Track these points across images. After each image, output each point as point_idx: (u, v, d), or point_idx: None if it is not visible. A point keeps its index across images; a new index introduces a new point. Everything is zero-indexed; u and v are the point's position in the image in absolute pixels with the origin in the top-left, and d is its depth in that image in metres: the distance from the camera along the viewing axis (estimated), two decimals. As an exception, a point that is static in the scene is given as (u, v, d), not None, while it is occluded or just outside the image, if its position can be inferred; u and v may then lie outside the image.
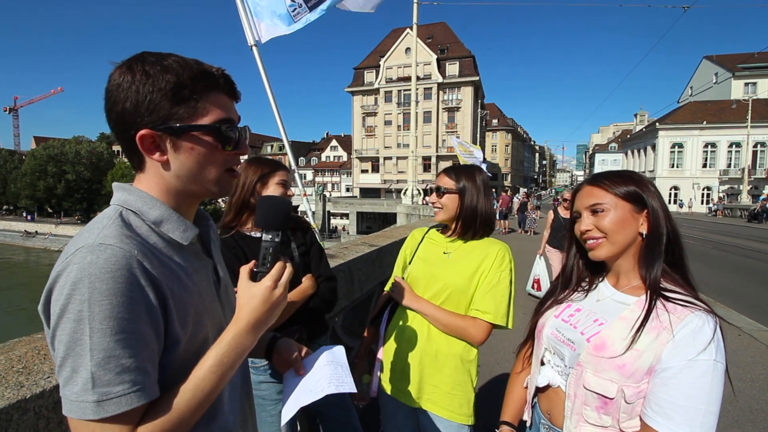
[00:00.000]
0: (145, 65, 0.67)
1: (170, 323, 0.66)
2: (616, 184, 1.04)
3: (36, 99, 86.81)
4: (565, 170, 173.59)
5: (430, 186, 1.66)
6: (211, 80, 0.71)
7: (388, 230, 5.34)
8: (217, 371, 0.68)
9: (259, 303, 0.72)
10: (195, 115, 0.70)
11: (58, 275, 0.60)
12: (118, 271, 0.60)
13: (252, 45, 3.47)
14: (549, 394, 1.12)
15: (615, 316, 1.00)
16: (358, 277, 2.87)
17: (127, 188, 0.72)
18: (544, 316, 1.18)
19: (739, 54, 43.89)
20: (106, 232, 0.64)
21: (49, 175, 52.04)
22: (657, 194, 1.04)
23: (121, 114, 0.68)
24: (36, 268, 35.70)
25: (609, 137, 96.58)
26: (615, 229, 1.02)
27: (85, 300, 0.58)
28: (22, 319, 21.03)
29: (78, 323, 0.58)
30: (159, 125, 0.68)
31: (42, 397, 0.87)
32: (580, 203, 1.09)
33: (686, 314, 0.91)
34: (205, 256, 0.81)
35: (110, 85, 0.68)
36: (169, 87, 0.67)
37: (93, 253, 0.60)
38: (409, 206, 16.59)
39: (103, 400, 0.58)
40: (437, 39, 51.40)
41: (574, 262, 1.17)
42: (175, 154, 0.70)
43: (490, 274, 1.50)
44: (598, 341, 0.98)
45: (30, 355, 0.99)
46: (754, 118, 33.89)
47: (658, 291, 0.97)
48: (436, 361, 1.51)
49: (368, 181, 54.77)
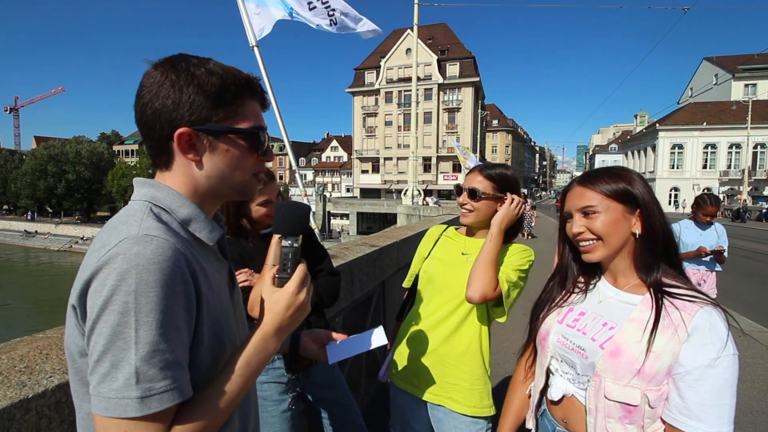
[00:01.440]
0: (190, 66, 0.69)
1: (199, 323, 0.66)
2: (607, 185, 1.01)
3: (37, 99, 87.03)
4: (566, 171, 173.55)
5: (461, 185, 1.60)
6: (251, 87, 0.74)
7: (389, 231, 5.33)
8: (245, 374, 0.69)
9: (283, 308, 0.73)
10: (233, 119, 0.72)
11: (100, 266, 0.58)
12: (165, 262, 0.59)
13: (253, 45, 3.47)
14: (563, 403, 1.09)
15: (623, 318, 0.98)
16: (359, 277, 2.87)
17: (154, 184, 0.72)
18: (546, 323, 1.14)
19: (739, 55, 43.94)
20: (147, 224, 0.63)
21: (50, 175, 52.12)
22: (647, 190, 1.02)
23: (159, 111, 0.68)
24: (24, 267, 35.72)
25: (609, 138, 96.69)
26: (608, 231, 1.00)
27: (131, 291, 0.56)
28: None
29: (123, 315, 0.56)
30: (199, 125, 0.69)
31: (44, 396, 0.87)
32: (571, 204, 1.06)
33: (695, 309, 0.90)
34: (223, 258, 0.82)
35: (148, 81, 0.69)
36: (213, 89, 0.69)
37: (139, 244, 0.59)
38: (409, 207, 16.59)
39: (147, 396, 0.56)
40: (438, 40, 51.42)
41: (568, 263, 1.15)
42: (210, 154, 0.71)
43: (515, 257, 1.51)
44: (612, 347, 0.95)
45: (32, 355, 0.99)
46: (754, 119, 33.91)
47: (661, 290, 0.96)
48: (455, 359, 1.52)
49: (368, 182, 54.75)
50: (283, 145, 3.76)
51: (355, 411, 1.82)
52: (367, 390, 3.08)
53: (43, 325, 1.79)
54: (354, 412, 1.81)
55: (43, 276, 32.74)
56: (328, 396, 1.79)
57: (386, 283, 3.64)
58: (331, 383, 1.81)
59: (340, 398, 1.81)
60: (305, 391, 1.77)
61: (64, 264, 36.91)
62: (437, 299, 1.58)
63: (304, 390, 1.77)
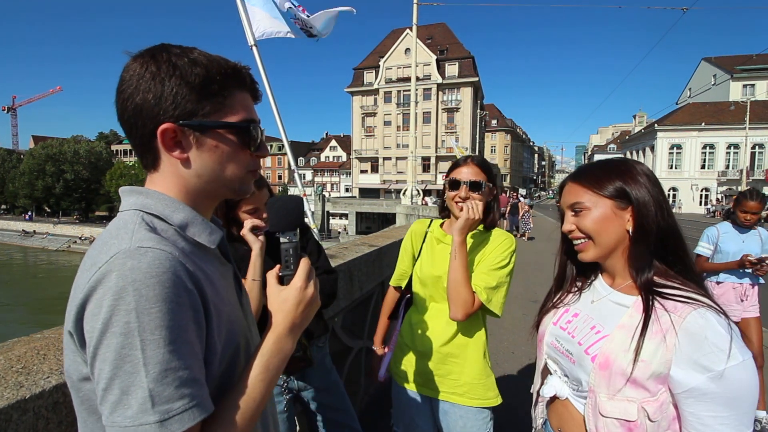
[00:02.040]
0: (171, 56, 0.63)
1: (210, 332, 0.62)
2: (597, 180, 0.96)
3: (34, 98, 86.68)
4: (564, 171, 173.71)
5: (457, 179, 1.52)
6: (239, 78, 0.68)
7: (388, 230, 5.33)
8: (265, 378, 0.66)
9: (293, 306, 0.71)
10: (221, 112, 0.66)
11: (94, 287, 0.54)
12: (163, 275, 0.55)
13: (252, 45, 3.47)
14: (558, 407, 1.05)
15: (612, 321, 0.93)
16: (358, 277, 2.87)
17: (143, 191, 0.67)
18: (543, 323, 1.12)
19: (737, 56, 44.04)
20: (139, 235, 0.59)
21: (48, 175, 52.01)
22: (647, 185, 0.94)
23: (140, 106, 0.63)
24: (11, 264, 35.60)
25: (608, 138, 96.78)
26: (597, 229, 0.95)
27: (131, 310, 0.52)
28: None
29: (126, 337, 0.52)
30: (183, 120, 0.64)
31: (41, 397, 0.86)
32: (564, 200, 1.02)
33: (687, 311, 0.83)
34: (226, 261, 0.77)
35: (128, 75, 0.63)
36: (198, 81, 0.63)
37: (133, 258, 0.55)
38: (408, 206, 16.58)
39: (166, 419, 0.53)
40: (437, 40, 51.43)
41: (567, 261, 1.11)
42: (198, 151, 0.66)
43: (493, 255, 1.50)
44: (601, 359, 0.90)
45: (29, 355, 0.99)
46: (753, 119, 33.97)
47: (651, 291, 0.89)
48: (458, 356, 1.53)
49: (367, 182, 54.72)
50: (282, 144, 3.75)
51: (352, 415, 1.82)
52: (367, 390, 3.08)
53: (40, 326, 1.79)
54: (350, 417, 1.81)
55: (41, 275, 32.68)
56: (324, 399, 1.78)
57: (385, 282, 3.63)
58: (327, 387, 1.80)
59: (336, 402, 1.80)
60: (301, 393, 1.77)
61: (63, 263, 36.83)
62: (435, 301, 1.59)
63: (300, 392, 1.76)
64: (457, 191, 1.51)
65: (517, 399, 3.35)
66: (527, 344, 4.49)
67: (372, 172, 54.73)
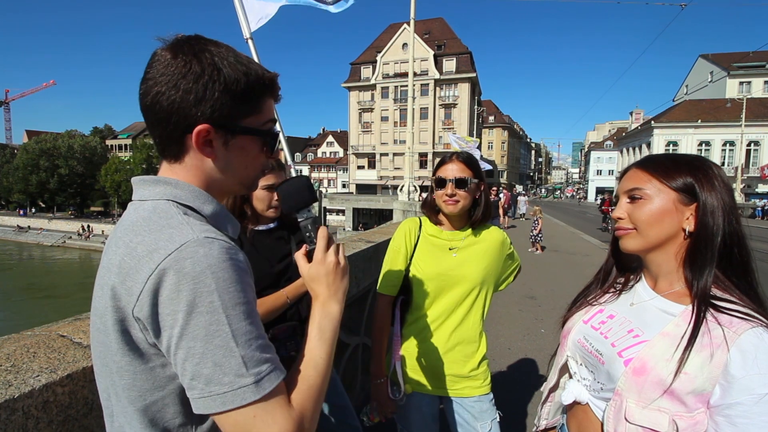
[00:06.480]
0: (215, 58, 0.65)
1: None
2: (666, 170, 0.88)
3: (28, 92, 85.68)
4: (561, 167, 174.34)
5: (443, 178, 1.51)
6: (272, 88, 0.72)
7: (385, 226, 5.33)
8: (322, 337, 0.72)
9: (324, 277, 0.76)
10: (252, 117, 0.70)
11: (163, 273, 0.58)
12: (230, 260, 0.61)
13: (248, 38, 3.42)
14: (577, 413, 1.00)
15: (655, 328, 0.86)
16: (355, 273, 2.86)
17: (171, 182, 0.69)
18: (571, 320, 1.05)
19: (734, 53, 44.10)
20: (200, 226, 0.63)
21: (42, 170, 51.60)
22: (719, 188, 0.85)
23: (177, 104, 0.64)
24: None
25: (604, 135, 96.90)
26: (648, 220, 0.87)
27: (213, 290, 0.58)
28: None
29: (212, 314, 0.58)
30: (219, 123, 0.67)
31: (31, 396, 0.85)
32: (621, 186, 0.95)
33: (744, 328, 0.75)
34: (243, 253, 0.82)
35: (168, 70, 0.64)
36: (239, 88, 0.66)
37: (203, 246, 0.60)
38: (405, 203, 16.57)
39: (260, 380, 0.59)
40: (434, 35, 51.21)
41: (610, 257, 1.04)
42: (225, 151, 0.70)
43: (504, 261, 1.65)
44: (637, 364, 0.83)
45: (19, 353, 0.97)
46: (749, 117, 34.13)
47: (707, 301, 0.81)
48: (460, 354, 1.55)
49: (364, 178, 54.63)
50: (279, 140, 3.72)
51: (350, 412, 1.81)
52: (363, 386, 3.08)
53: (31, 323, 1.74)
54: (348, 413, 1.80)
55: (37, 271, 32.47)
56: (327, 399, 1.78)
57: (382, 279, 3.63)
58: None
59: (334, 399, 1.79)
60: None
61: (57, 259, 36.60)
62: (436, 303, 1.57)
63: None
64: (443, 189, 1.51)
65: (513, 395, 3.37)
66: (523, 340, 4.52)
67: (369, 168, 54.64)
